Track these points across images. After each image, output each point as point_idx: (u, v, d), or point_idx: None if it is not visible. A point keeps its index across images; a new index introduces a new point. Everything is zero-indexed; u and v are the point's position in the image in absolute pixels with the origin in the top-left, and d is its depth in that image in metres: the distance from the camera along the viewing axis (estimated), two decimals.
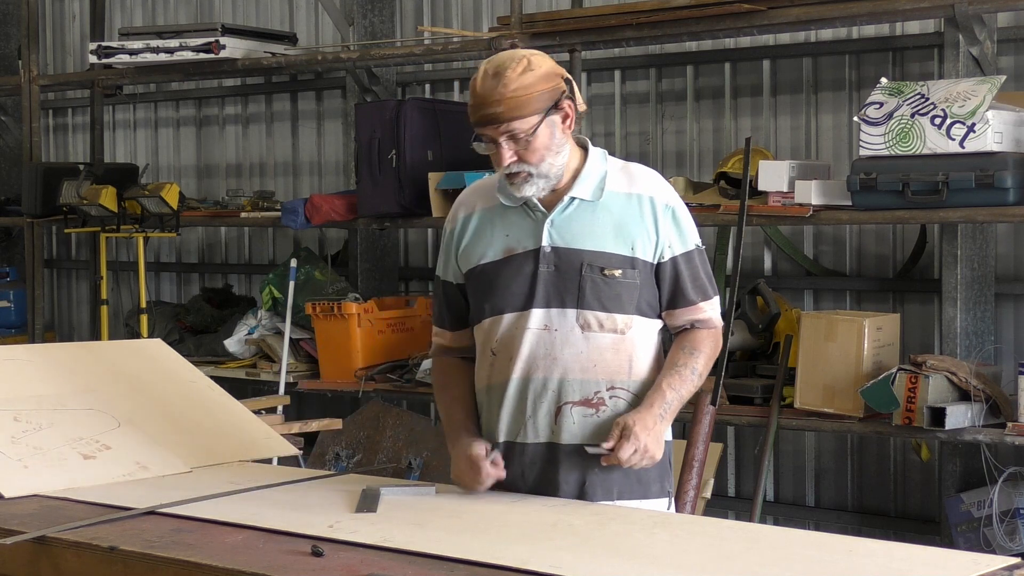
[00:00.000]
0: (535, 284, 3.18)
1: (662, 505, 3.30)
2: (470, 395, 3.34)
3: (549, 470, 3.21)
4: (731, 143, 6.39)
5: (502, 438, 3.26)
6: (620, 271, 3.17)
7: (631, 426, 3.09)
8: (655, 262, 3.21)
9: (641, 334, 3.22)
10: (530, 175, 3.15)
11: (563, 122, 3.15)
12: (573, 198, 3.20)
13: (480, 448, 3.19)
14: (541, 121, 3.09)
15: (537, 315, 3.19)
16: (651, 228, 3.19)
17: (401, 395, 6.62)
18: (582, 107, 3.20)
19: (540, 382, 3.19)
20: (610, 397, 3.20)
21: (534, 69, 3.09)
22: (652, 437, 3.11)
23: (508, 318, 3.21)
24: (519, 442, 3.23)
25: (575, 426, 3.18)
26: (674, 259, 3.21)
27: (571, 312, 3.17)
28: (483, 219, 3.28)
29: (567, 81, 3.16)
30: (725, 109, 6.47)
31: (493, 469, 3.18)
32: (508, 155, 3.12)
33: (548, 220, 3.19)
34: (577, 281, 3.16)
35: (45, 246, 8.76)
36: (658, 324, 3.28)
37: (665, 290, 3.23)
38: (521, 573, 2.54)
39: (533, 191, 3.17)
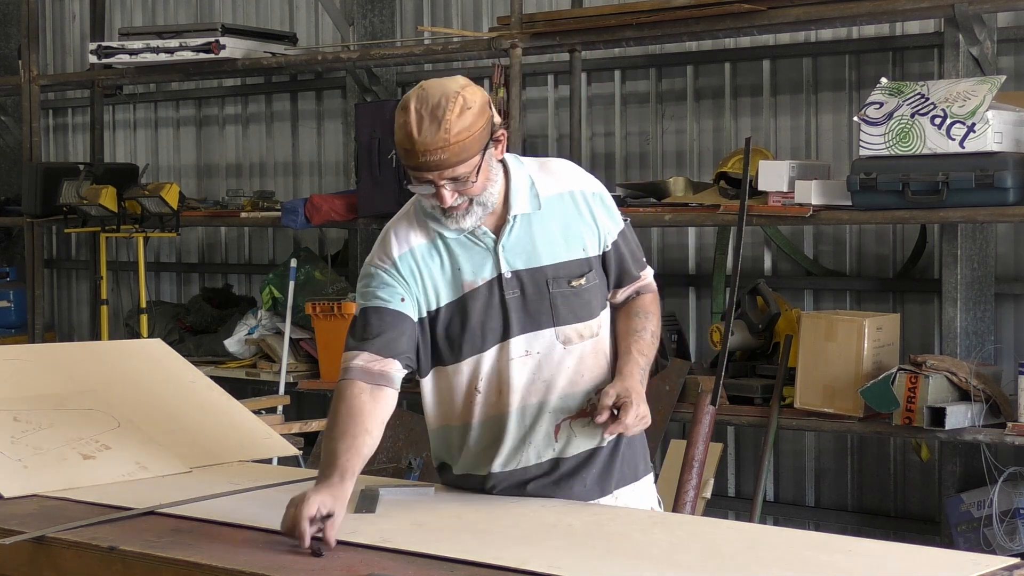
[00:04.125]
0: (507, 313, 3.08)
1: (650, 481, 3.31)
2: (366, 435, 3.00)
3: (550, 487, 3.17)
4: (731, 143, 6.39)
5: (497, 469, 3.17)
6: (584, 278, 3.12)
7: (627, 393, 3.02)
8: (600, 253, 3.17)
9: (606, 324, 3.21)
10: (470, 204, 3.02)
11: (496, 148, 3.04)
12: (515, 216, 3.08)
13: (312, 506, 2.79)
14: (482, 159, 2.97)
15: (517, 343, 3.09)
16: (591, 221, 3.15)
17: (401, 395, 6.60)
18: (499, 120, 3.08)
19: (535, 408, 3.12)
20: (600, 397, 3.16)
21: (471, 106, 2.92)
22: (645, 402, 3.07)
23: (489, 354, 3.10)
24: (520, 468, 3.17)
25: (576, 437, 3.15)
26: (615, 243, 3.19)
27: (548, 332, 3.10)
28: (424, 258, 3.09)
29: (488, 104, 3.03)
30: (725, 109, 6.47)
31: (310, 535, 2.77)
32: (450, 196, 2.97)
33: (500, 245, 3.08)
34: (548, 300, 3.09)
35: (45, 246, 8.76)
36: (608, 303, 3.25)
37: (612, 273, 3.20)
38: (521, 573, 2.54)
39: (472, 221, 3.04)
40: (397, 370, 3.09)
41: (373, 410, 3.05)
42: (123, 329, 7.92)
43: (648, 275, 3.29)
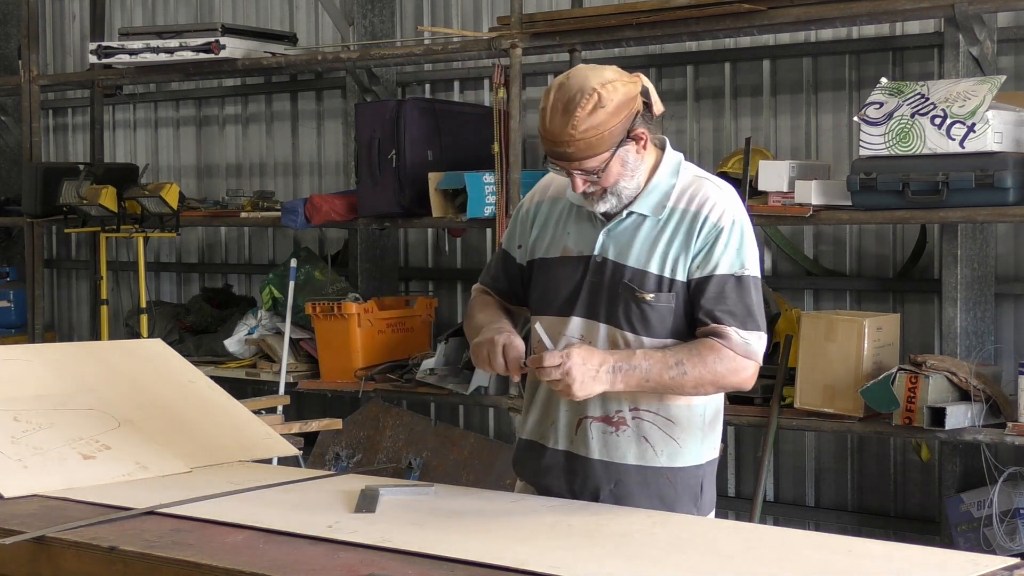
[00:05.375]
0: (579, 292, 3.13)
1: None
2: (506, 313, 3.27)
3: (567, 479, 3.18)
4: (731, 143, 6.39)
5: (527, 436, 3.24)
6: (653, 295, 3.07)
7: (572, 361, 2.96)
8: (687, 280, 3.08)
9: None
10: (605, 192, 3.08)
11: (637, 145, 3.07)
12: (632, 212, 3.12)
13: (508, 338, 3.08)
14: (612, 155, 3.02)
15: (575, 323, 3.13)
16: (692, 247, 3.07)
17: (401, 395, 6.62)
18: (659, 109, 3.10)
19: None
20: (632, 418, 3.12)
21: (605, 105, 2.97)
22: (586, 372, 2.96)
23: (548, 320, 3.15)
24: (541, 443, 3.21)
25: (594, 441, 3.13)
26: (701, 279, 3.06)
27: (604, 328, 3.11)
28: (552, 210, 3.23)
29: (643, 92, 3.06)
30: (725, 109, 6.47)
31: (512, 359, 3.05)
32: (581, 184, 3.05)
33: (605, 229, 3.13)
34: (614, 297, 3.10)
35: (45, 246, 8.76)
36: None
37: (691, 307, 3.08)
38: (521, 573, 2.54)
39: (606, 207, 3.10)
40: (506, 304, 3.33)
41: (496, 304, 3.32)
42: (123, 329, 7.92)
43: (732, 332, 3.03)
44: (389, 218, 6.64)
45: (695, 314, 3.08)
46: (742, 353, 3.05)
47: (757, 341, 3.07)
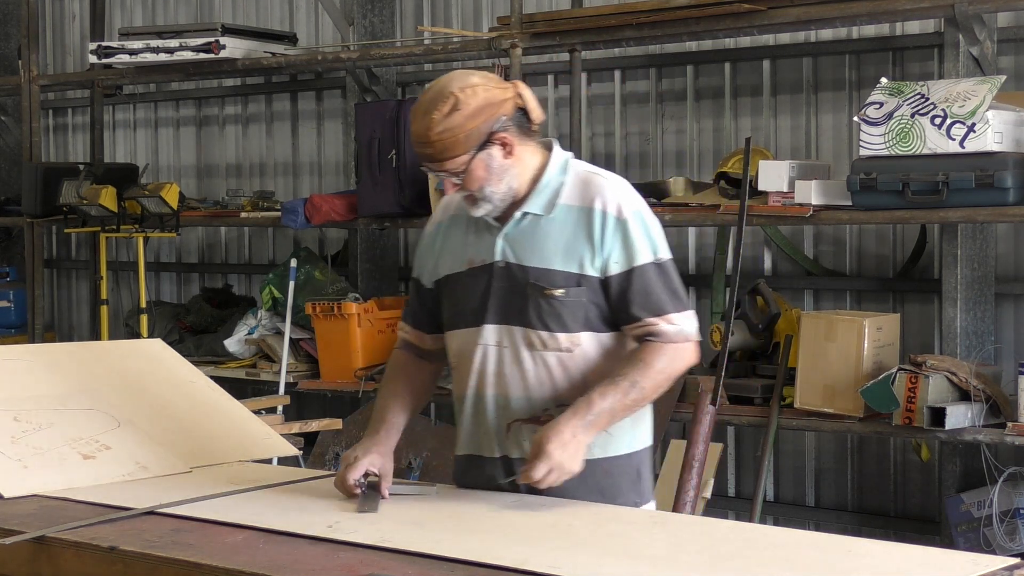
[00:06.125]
0: (488, 299, 3.16)
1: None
2: (411, 395, 3.33)
3: (507, 485, 3.20)
4: (731, 143, 6.39)
5: (463, 451, 3.27)
6: (563, 290, 3.10)
7: (543, 444, 3.02)
8: (602, 277, 3.11)
9: (592, 350, 3.15)
10: (475, 199, 3.12)
11: (504, 150, 3.08)
12: (526, 213, 3.14)
13: (359, 470, 3.17)
14: (472, 159, 3.05)
15: (489, 331, 3.16)
16: (598, 243, 3.10)
17: None
18: (539, 117, 3.13)
19: (491, 398, 3.17)
20: (559, 415, 3.12)
21: (461, 108, 3.01)
22: (569, 452, 3.02)
23: (463, 332, 3.21)
24: (478, 455, 3.23)
25: (527, 443, 3.15)
26: (620, 275, 3.10)
27: (518, 330, 3.14)
28: (452, 226, 3.27)
29: (519, 98, 3.09)
30: (725, 109, 6.47)
31: (353, 488, 3.16)
32: (451, 186, 3.12)
33: (502, 234, 3.16)
34: (523, 299, 3.13)
35: (45, 246, 8.76)
36: (615, 336, 3.17)
37: (612, 305, 3.13)
38: (520, 573, 2.54)
39: (483, 212, 3.14)
40: (427, 342, 3.36)
41: (409, 372, 3.37)
42: (123, 329, 7.92)
43: (665, 323, 3.10)
44: (389, 218, 6.64)
45: (623, 311, 3.12)
46: (680, 340, 3.13)
47: (687, 320, 3.15)
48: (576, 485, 3.12)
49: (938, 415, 5.02)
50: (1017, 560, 2.60)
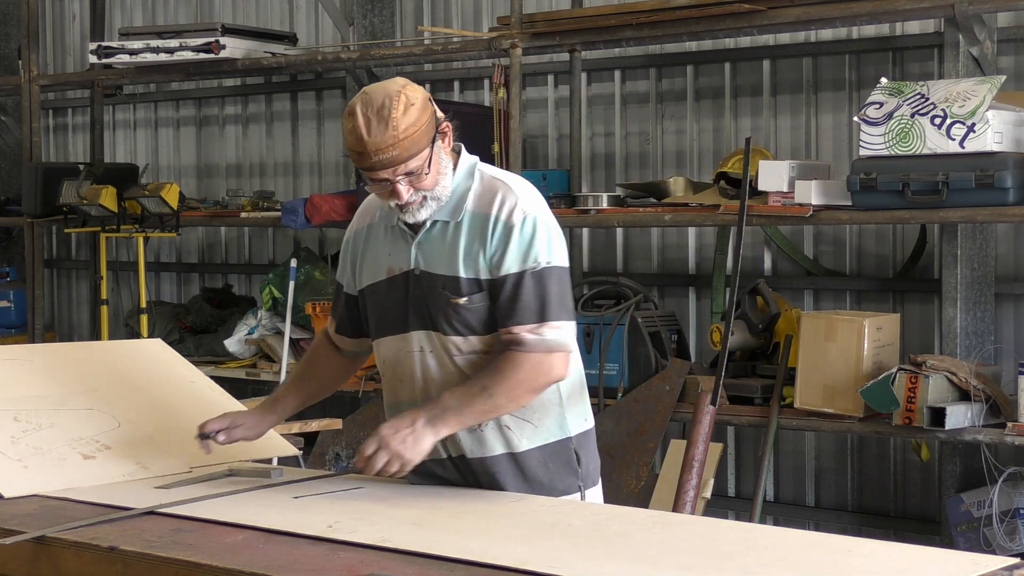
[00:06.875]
0: (407, 307, 3.20)
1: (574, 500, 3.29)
2: (315, 382, 3.55)
3: (463, 481, 3.24)
4: (731, 143, 6.40)
5: None
6: (466, 298, 3.13)
7: (383, 435, 3.09)
8: (490, 279, 3.13)
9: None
10: (425, 198, 3.12)
11: (444, 141, 3.15)
12: (435, 221, 3.17)
13: (216, 424, 3.44)
14: (432, 151, 3.09)
15: (416, 337, 3.20)
16: (488, 248, 3.12)
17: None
18: (440, 115, 3.17)
19: (421, 403, 3.19)
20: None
21: (413, 103, 3.05)
22: (408, 443, 3.07)
23: (389, 340, 3.25)
24: (428, 458, 3.21)
25: (464, 441, 3.20)
26: (495, 280, 3.11)
27: (436, 336, 3.18)
28: (371, 236, 3.30)
29: (429, 100, 3.14)
30: (725, 109, 6.47)
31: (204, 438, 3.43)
32: (406, 191, 3.09)
33: (415, 242, 3.19)
34: (436, 306, 3.16)
35: (45, 246, 8.76)
36: None
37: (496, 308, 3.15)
38: (520, 573, 2.54)
39: (426, 214, 3.14)
40: (346, 344, 3.49)
41: (316, 363, 3.55)
42: (123, 329, 7.92)
43: (526, 335, 3.09)
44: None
45: (497, 317, 3.14)
46: (543, 351, 3.10)
47: (556, 333, 3.11)
48: (508, 477, 3.18)
49: (938, 415, 5.02)
50: (1017, 560, 2.60)
